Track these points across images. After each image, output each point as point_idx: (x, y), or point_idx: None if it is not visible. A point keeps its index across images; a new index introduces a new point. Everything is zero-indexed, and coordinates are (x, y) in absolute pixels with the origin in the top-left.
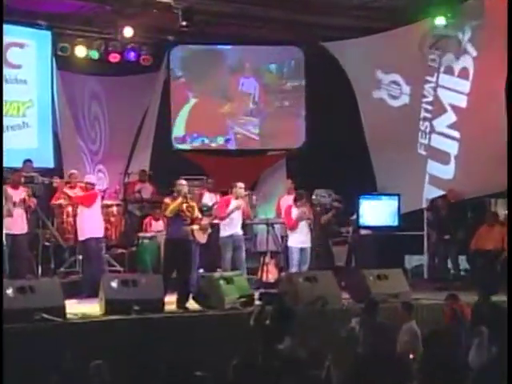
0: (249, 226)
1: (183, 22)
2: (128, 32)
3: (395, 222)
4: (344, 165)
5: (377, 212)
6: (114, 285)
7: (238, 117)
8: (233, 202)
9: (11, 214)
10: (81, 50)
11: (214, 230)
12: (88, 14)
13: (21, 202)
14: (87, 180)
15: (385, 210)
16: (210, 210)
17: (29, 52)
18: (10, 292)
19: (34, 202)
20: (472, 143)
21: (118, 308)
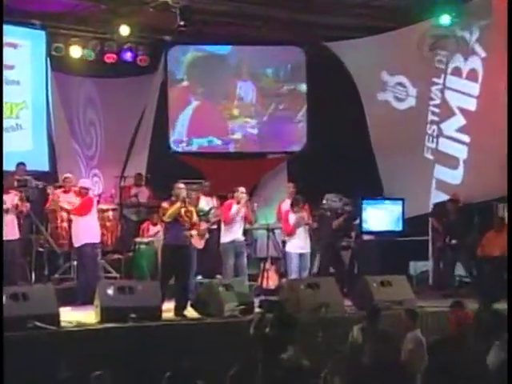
0: (249, 232)
1: (181, 22)
2: (124, 30)
3: (399, 227)
4: (347, 169)
5: (380, 217)
6: (109, 292)
7: (237, 119)
8: (234, 206)
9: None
10: (76, 51)
11: (212, 235)
12: (83, 13)
13: (13, 208)
14: (82, 184)
15: (389, 215)
16: (206, 214)
17: (22, 52)
18: (2, 299)
19: (27, 206)
20: (482, 147)
21: (114, 316)
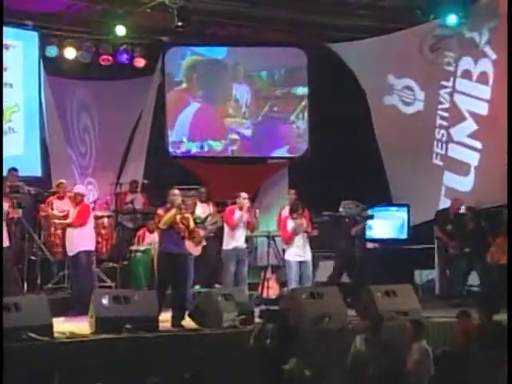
0: (249, 239)
1: (179, 22)
2: (120, 31)
3: (404, 235)
4: (352, 175)
5: (385, 224)
6: (104, 301)
7: (233, 120)
8: (237, 212)
9: None
10: (70, 52)
11: (209, 243)
12: (77, 14)
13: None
14: (77, 190)
15: (393, 222)
16: (203, 222)
17: (15, 54)
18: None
19: (19, 213)
20: (494, 154)
21: (109, 326)
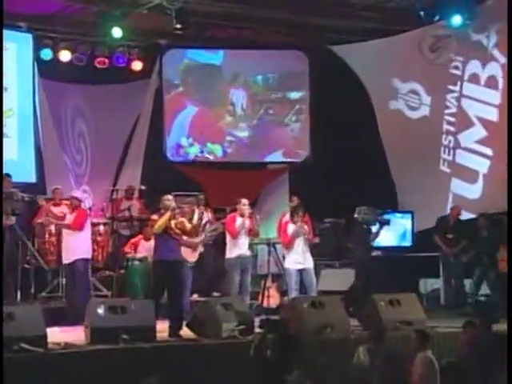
0: (249, 246)
1: (177, 24)
2: (117, 33)
3: (408, 242)
4: (356, 181)
5: (388, 231)
6: (100, 311)
7: (230, 124)
8: (238, 219)
9: None
10: (65, 55)
11: (207, 250)
12: (72, 15)
13: None
14: (74, 195)
15: (397, 229)
16: (202, 229)
17: (8, 56)
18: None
19: (13, 220)
20: (504, 160)
21: (105, 337)
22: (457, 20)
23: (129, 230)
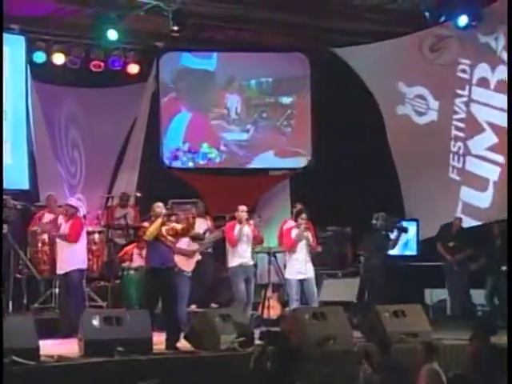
0: None
1: (174, 27)
2: (112, 35)
3: (413, 251)
4: (359, 187)
5: None
6: (95, 323)
7: (225, 128)
8: (237, 227)
9: None
10: (58, 58)
11: (206, 259)
12: (67, 17)
13: None
14: (69, 202)
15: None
16: (201, 238)
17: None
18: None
19: (5, 228)
20: None
21: (100, 349)
22: (463, 21)
23: (124, 238)
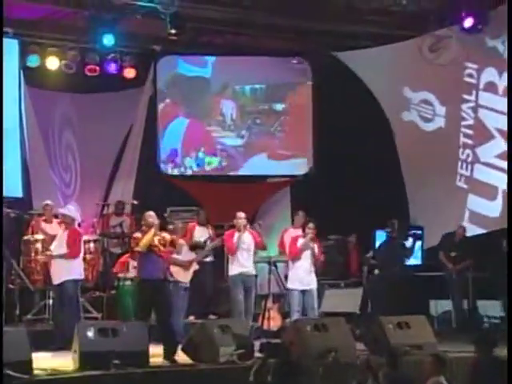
0: None
1: (172, 30)
2: (108, 39)
3: (418, 261)
4: (361, 195)
5: None
6: (90, 334)
7: (221, 134)
8: (237, 234)
9: None
10: (53, 62)
11: (204, 268)
12: (61, 20)
13: None
14: (66, 212)
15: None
16: (202, 247)
17: None
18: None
19: None
20: None
21: (95, 362)
22: (468, 23)
23: (120, 247)
